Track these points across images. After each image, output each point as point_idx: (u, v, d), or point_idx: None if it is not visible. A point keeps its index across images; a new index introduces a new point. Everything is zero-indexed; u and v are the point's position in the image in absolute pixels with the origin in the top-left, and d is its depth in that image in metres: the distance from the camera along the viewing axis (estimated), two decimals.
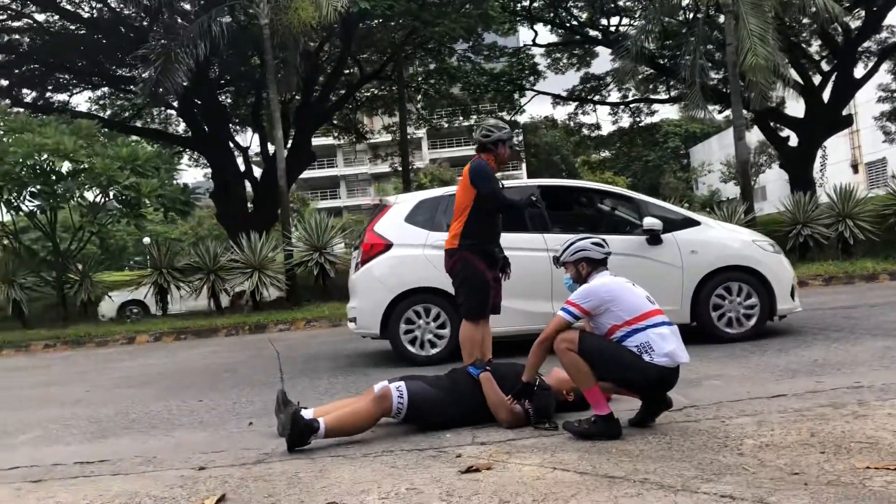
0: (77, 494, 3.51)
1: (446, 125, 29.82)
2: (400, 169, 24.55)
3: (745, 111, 17.80)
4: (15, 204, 14.41)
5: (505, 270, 5.38)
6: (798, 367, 5.40)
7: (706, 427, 3.90)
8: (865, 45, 22.22)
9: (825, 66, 22.64)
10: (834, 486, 2.85)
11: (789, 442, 3.50)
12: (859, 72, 21.92)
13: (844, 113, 22.20)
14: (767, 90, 16.20)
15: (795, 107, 22.49)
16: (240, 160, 23.41)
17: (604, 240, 4.33)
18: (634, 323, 3.88)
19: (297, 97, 22.49)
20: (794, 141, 22.63)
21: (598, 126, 29.57)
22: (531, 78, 25.71)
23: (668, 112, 43.34)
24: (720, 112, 25.91)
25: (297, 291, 15.68)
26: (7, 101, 20.91)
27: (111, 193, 14.38)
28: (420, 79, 25.80)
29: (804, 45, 22.90)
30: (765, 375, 5.23)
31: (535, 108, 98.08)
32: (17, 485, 3.78)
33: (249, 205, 22.50)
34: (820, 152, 23.62)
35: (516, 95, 26.58)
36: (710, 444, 3.57)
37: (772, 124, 23.14)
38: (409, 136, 22.07)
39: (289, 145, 21.24)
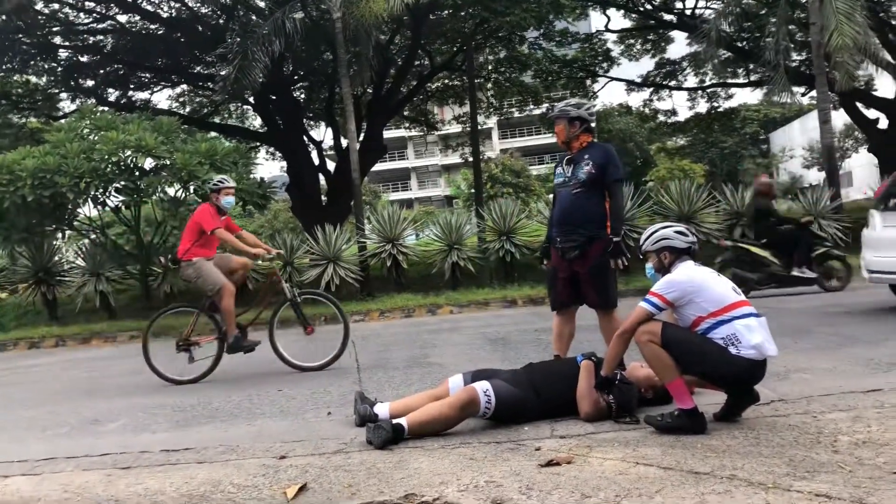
0: (164, 481, 3.60)
1: (517, 114, 29.57)
2: (471, 159, 24.47)
3: (830, 93, 17.06)
4: (101, 199, 14.95)
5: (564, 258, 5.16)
6: (892, 360, 5.14)
7: (796, 422, 3.74)
8: None
9: None
10: None
11: (888, 439, 3.32)
12: None
13: None
14: (854, 70, 15.48)
15: (886, 87, 21.43)
16: (314, 154, 23.75)
17: (688, 228, 4.20)
18: (720, 314, 3.74)
19: (368, 90, 22.66)
20: (883, 123, 21.59)
21: (674, 112, 28.82)
22: (604, 64, 25.23)
23: (745, 96, 42.03)
24: (804, 94, 24.91)
25: (370, 282, 15.84)
26: (93, 100, 21.75)
27: (192, 188, 14.76)
28: (490, 67, 25.61)
29: (894, 21, 21.78)
30: (857, 369, 5.00)
31: (609, 95, 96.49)
32: (107, 471, 3.91)
33: (323, 197, 22.82)
34: None
35: (589, 82, 26.15)
36: (801, 440, 3.42)
37: (859, 106, 22.12)
38: (479, 126, 21.96)
39: (361, 138, 21.43)
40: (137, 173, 14.37)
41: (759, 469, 3.04)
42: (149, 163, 14.36)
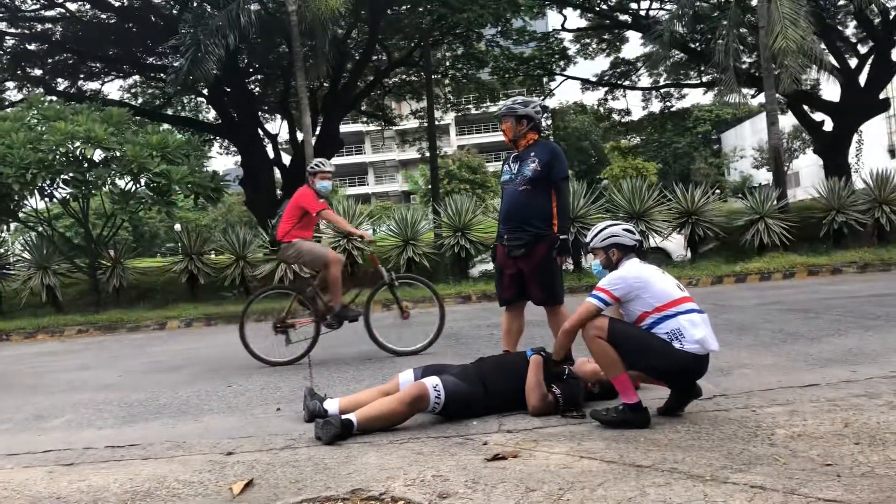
0: (108, 477, 3.55)
1: (474, 110, 29.68)
2: (428, 155, 24.49)
3: (778, 95, 17.47)
4: (48, 191, 14.62)
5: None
6: (831, 356, 5.31)
7: (736, 416, 3.84)
8: None
9: (862, 49, 22.14)
10: (868, 477, 2.79)
11: (822, 432, 3.43)
12: None
13: (881, 97, 21.68)
14: (800, 73, 15.90)
15: (831, 91, 22.04)
16: (269, 147, 23.53)
17: (636, 225, 4.28)
18: (665, 309, 3.83)
19: (325, 84, 22.51)
20: (828, 125, 22.20)
21: (628, 111, 29.24)
22: (561, 62, 25.47)
23: (698, 97, 42.80)
24: (753, 96, 25.47)
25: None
26: (40, 89, 21.22)
27: (142, 180, 14.52)
28: (448, 64, 25.67)
29: (840, 28, 22.40)
30: (797, 364, 5.15)
31: (565, 93, 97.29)
32: (49, 467, 3.84)
33: (278, 192, 22.62)
34: (855, 137, 23.16)
35: (545, 80, 26.36)
36: (740, 434, 3.51)
37: (806, 109, 22.72)
38: (436, 122, 21.99)
39: (317, 132, 21.29)
40: (86, 165, 14.09)
41: (698, 462, 3.12)
42: (98, 154, 14.08)
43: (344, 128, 26.59)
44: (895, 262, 13.16)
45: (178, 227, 37.13)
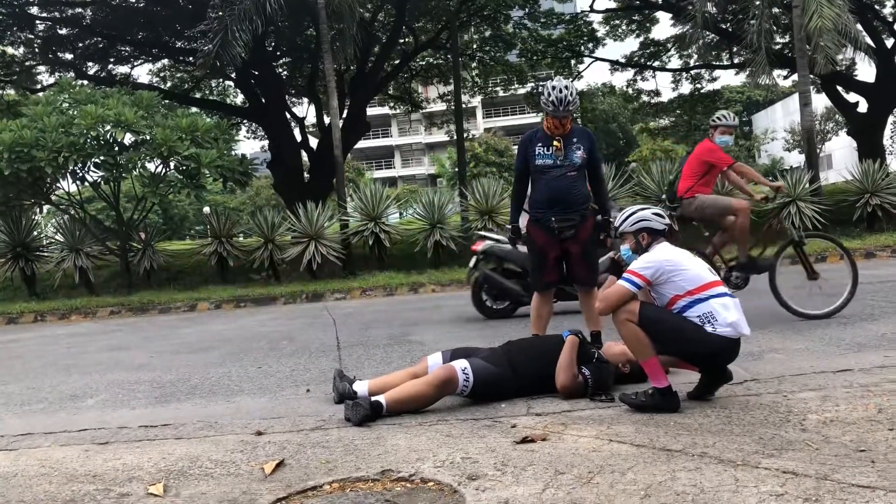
0: (141, 456, 3.62)
1: (501, 93, 29.50)
2: (455, 138, 24.42)
3: (811, 76, 17.14)
4: (80, 174, 14.82)
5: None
6: (864, 341, 5.24)
7: (767, 401, 3.81)
8: None
9: None
10: None
11: (855, 418, 3.39)
12: None
13: None
14: (834, 54, 15.56)
15: (866, 71, 21.56)
16: (296, 131, 23.60)
17: (665, 210, 4.25)
18: (697, 293, 3.80)
19: (352, 67, 22.50)
20: (863, 107, 21.75)
21: (657, 92, 28.87)
22: (589, 44, 25.19)
23: (729, 79, 42.13)
24: (786, 77, 25.03)
25: (352, 261, 15.83)
26: (71, 73, 21.44)
27: (172, 164, 14.65)
28: (475, 46, 25.50)
29: (877, 7, 21.87)
30: (829, 349, 5.09)
31: (593, 75, 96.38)
32: (85, 446, 3.92)
33: (306, 175, 22.72)
34: (891, 119, 22.69)
35: (574, 62, 26.10)
36: (771, 419, 3.48)
37: (840, 90, 22.27)
38: (463, 105, 21.93)
39: (344, 115, 21.31)
40: (117, 148, 14.23)
41: (729, 447, 3.10)
42: (128, 138, 14.23)
43: (371, 111, 26.57)
44: None
45: (206, 209, 37.46)
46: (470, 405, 4.17)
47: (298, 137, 23.27)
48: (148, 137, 13.97)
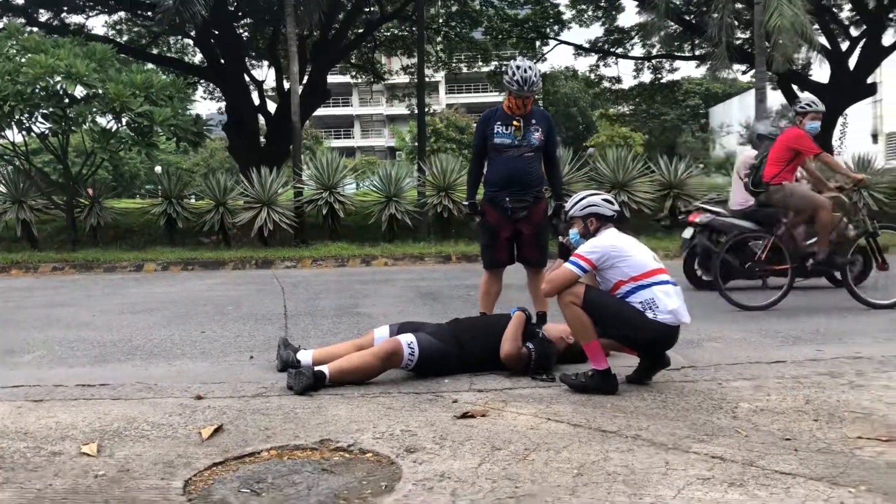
0: (76, 416, 3.56)
1: (465, 70, 29.37)
2: (416, 112, 24.29)
3: (768, 73, 17.45)
4: (26, 125, 14.36)
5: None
6: (800, 335, 5.40)
7: (703, 388, 3.92)
8: None
9: (854, 32, 22.08)
10: (824, 453, 2.86)
11: (784, 408, 3.51)
12: (888, 39, 21.37)
13: (869, 81, 21.71)
14: (792, 53, 15.86)
15: (820, 72, 22.00)
16: (255, 94, 23.20)
17: (617, 196, 4.31)
18: (640, 279, 3.87)
19: (315, 33, 22.14)
20: None
21: (618, 80, 29.06)
22: (555, 27, 25.20)
23: (690, 70, 42.63)
24: (744, 73, 25.39)
25: (305, 229, 15.71)
26: (21, 20, 20.66)
27: (124, 120, 14.29)
28: (441, 21, 25.30)
29: (834, 9, 22.30)
30: (766, 341, 5.24)
31: (557, 58, 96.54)
32: (18, 403, 3.84)
33: (262, 139, 22.38)
34: (841, 120, 23.21)
35: (538, 44, 26.10)
36: (705, 405, 3.58)
37: (795, 88, 22.70)
38: (426, 79, 21.75)
39: (304, 81, 21.01)
40: (67, 101, 13.82)
41: (662, 430, 3.18)
42: (79, 91, 13.81)
43: (332, 79, 26.25)
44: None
45: (158, 169, 36.69)
46: (413, 379, 4.20)
47: (257, 101, 22.88)
48: (100, 91, 13.58)
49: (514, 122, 5.18)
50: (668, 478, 2.62)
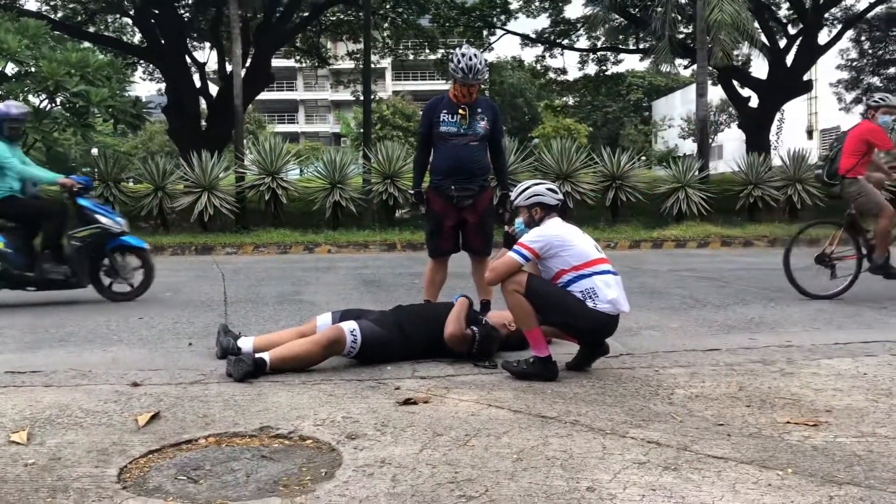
0: (5, 403, 3.45)
1: (412, 57, 29.23)
2: (361, 98, 24.09)
3: (709, 68, 17.83)
4: None
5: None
6: (734, 324, 5.56)
7: (640, 375, 4.00)
8: (832, 10, 22.34)
9: (791, 31, 22.73)
10: (755, 438, 2.96)
11: (718, 394, 3.61)
12: (823, 38, 22.06)
13: (805, 78, 22.39)
14: (732, 48, 16.22)
15: (759, 68, 22.58)
16: (196, 76, 22.69)
17: (561, 186, 4.36)
18: (581, 269, 3.92)
19: (259, 15, 21.75)
20: (754, 102, 22.82)
21: (564, 71, 29.32)
22: (502, 16, 25.25)
23: (633, 63, 43.23)
24: (686, 67, 25.89)
25: (246, 215, 15.47)
26: None
27: (58, 100, 13.84)
28: (388, 6, 25.11)
29: (773, 7, 22.90)
30: (702, 329, 5.38)
31: (504, 48, 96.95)
32: None
33: (203, 123, 21.92)
34: (778, 115, 23.90)
35: (486, 33, 26.13)
36: (642, 392, 3.66)
37: (735, 84, 23.26)
38: (372, 66, 21.60)
39: (247, 64, 20.64)
40: None
41: (600, 416, 3.24)
42: (10, 68, 13.31)
43: (276, 62, 25.78)
44: (803, 238, 13.75)
45: (94, 151, 35.63)
46: (356, 367, 4.18)
47: (198, 83, 22.39)
48: (33, 69, 13.12)
49: (461, 111, 5.19)
50: (605, 462, 2.67)
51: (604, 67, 28.27)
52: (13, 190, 6.74)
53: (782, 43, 22.15)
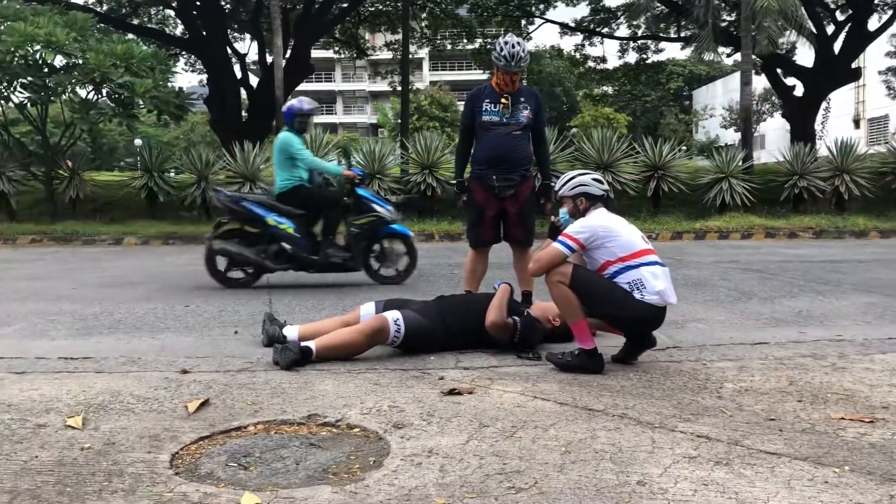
0: (60, 388, 3.53)
1: (449, 47, 29.17)
2: (399, 88, 24.10)
3: (753, 57, 17.49)
4: (5, 94, 14.11)
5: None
6: (782, 317, 5.45)
7: (687, 368, 3.95)
8: None
9: (840, 17, 22.16)
10: (808, 433, 2.90)
11: (768, 388, 3.54)
12: (874, 24, 21.45)
13: (853, 66, 21.83)
14: (777, 36, 15.90)
15: (805, 56, 22.06)
16: (237, 67, 22.93)
17: (603, 176, 4.32)
18: (628, 260, 3.87)
19: (298, 6, 21.88)
20: (799, 90, 22.34)
21: (604, 59, 28.99)
22: (540, 6, 25.05)
23: (674, 52, 42.61)
24: (729, 55, 25.43)
25: None
26: None
27: (104, 91, 14.09)
28: None
29: None
30: (749, 322, 5.28)
31: (542, 37, 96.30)
32: (0, 374, 3.80)
33: (244, 113, 22.14)
34: (824, 104, 23.36)
35: (524, 22, 25.96)
36: (690, 385, 3.61)
37: (779, 72, 22.79)
38: (410, 56, 21.59)
39: (287, 55, 20.79)
40: (46, 70, 13.58)
41: (648, 409, 3.21)
42: (59, 60, 13.58)
43: (314, 53, 25.93)
44: (849, 230, 13.48)
45: (138, 141, 36.26)
46: (399, 356, 4.19)
47: (239, 75, 22.61)
48: (80, 61, 13.37)
49: (503, 100, 5.15)
50: (655, 456, 2.64)
51: (644, 56, 27.92)
52: (302, 179, 7.24)
53: (830, 29, 21.61)
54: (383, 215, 7.26)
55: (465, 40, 26.86)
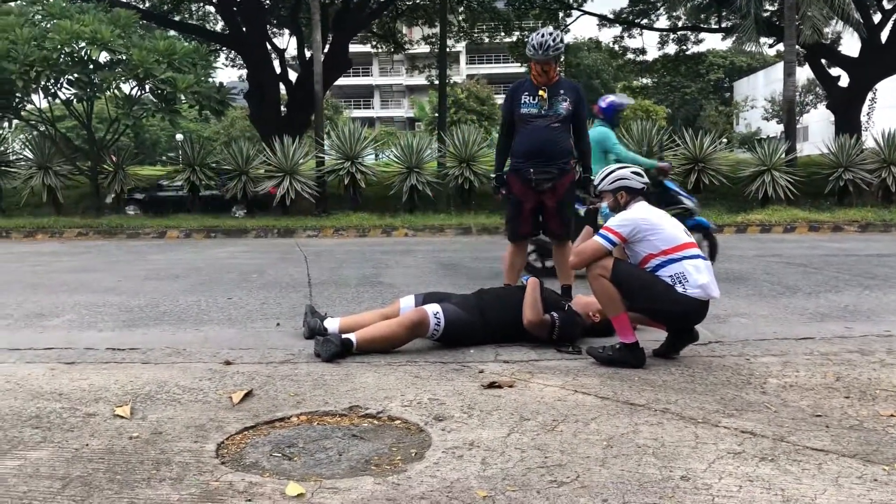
0: (108, 378, 3.61)
1: (487, 40, 29.09)
2: (437, 82, 24.09)
3: (797, 47, 17.14)
4: (52, 90, 14.43)
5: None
6: (827, 312, 5.35)
7: (730, 363, 3.90)
8: None
9: (887, 5, 21.60)
10: (856, 430, 2.84)
11: (814, 384, 3.49)
12: None
13: None
14: (822, 25, 15.56)
15: (850, 45, 21.55)
16: (276, 62, 23.13)
17: (644, 169, 4.28)
18: (670, 253, 3.83)
19: (337, 1, 21.99)
20: (844, 81, 21.84)
21: (643, 51, 28.67)
22: None
23: (715, 42, 41.93)
24: (771, 46, 24.96)
25: (326, 199, 15.73)
26: None
27: (147, 86, 14.33)
28: None
29: None
30: (793, 317, 5.19)
31: (581, 29, 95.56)
32: (51, 364, 3.90)
33: (283, 108, 22.34)
34: (870, 95, 22.80)
35: (562, 14, 25.77)
36: (733, 381, 3.56)
37: (823, 62, 22.30)
38: (448, 50, 21.57)
39: (326, 50, 20.91)
40: (91, 66, 13.85)
41: (691, 404, 3.18)
42: (104, 57, 13.84)
43: (352, 48, 26.06)
44: None
45: (179, 136, 36.79)
46: (439, 349, 4.21)
47: (278, 69, 22.81)
48: (124, 58, 13.61)
49: (541, 92, 5.12)
50: (699, 451, 2.62)
51: (684, 47, 27.55)
52: None
53: (876, 18, 21.08)
54: (691, 208, 7.26)
55: (502, 33, 26.79)
